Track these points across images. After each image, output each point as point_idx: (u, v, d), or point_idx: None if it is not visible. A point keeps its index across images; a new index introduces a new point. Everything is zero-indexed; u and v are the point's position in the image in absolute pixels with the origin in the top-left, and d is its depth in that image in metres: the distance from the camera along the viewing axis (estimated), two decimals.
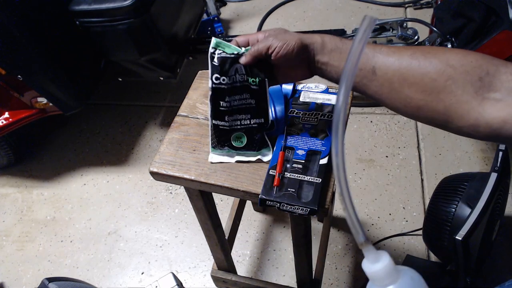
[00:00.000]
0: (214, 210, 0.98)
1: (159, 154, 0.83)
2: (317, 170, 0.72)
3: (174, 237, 1.60)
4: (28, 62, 1.43)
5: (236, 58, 0.70)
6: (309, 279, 1.09)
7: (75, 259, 1.60)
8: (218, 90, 0.74)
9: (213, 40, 0.72)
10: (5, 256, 1.65)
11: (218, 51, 0.72)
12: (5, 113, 1.62)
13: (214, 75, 0.73)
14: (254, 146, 0.77)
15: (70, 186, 1.83)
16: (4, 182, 1.90)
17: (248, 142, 0.77)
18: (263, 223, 1.58)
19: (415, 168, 1.65)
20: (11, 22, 1.32)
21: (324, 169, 0.72)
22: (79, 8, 1.48)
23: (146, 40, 1.56)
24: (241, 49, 0.71)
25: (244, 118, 0.75)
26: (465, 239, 1.00)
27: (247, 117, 0.76)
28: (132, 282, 1.51)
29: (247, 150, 0.77)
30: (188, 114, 0.89)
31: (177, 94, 2.12)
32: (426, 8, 2.26)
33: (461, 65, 0.51)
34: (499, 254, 1.36)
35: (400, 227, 1.49)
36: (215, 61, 0.73)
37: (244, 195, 0.76)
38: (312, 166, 0.73)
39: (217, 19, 2.25)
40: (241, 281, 1.25)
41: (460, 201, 1.13)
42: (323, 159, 0.73)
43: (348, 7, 2.37)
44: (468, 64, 0.51)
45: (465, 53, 0.53)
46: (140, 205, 1.72)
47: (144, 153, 1.90)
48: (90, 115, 2.08)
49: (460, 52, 0.53)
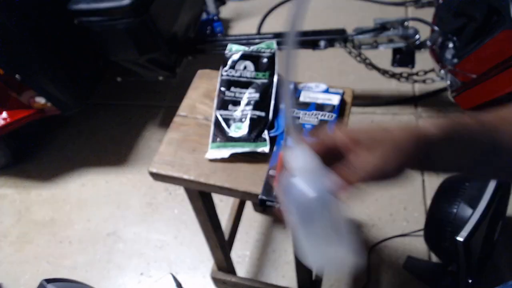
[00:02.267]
0: (213, 210, 0.98)
1: (158, 154, 0.82)
2: None
3: (174, 238, 1.59)
4: (27, 62, 1.42)
5: (245, 55, 0.78)
6: (309, 280, 1.09)
7: (73, 260, 1.59)
8: (226, 81, 0.83)
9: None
10: (3, 257, 1.64)
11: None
12: (3, 113, 1.62)
13: (224, 68, 0.84)
14: (250, 137, 0.78)
15: (69, 186, 1.82)
16: (2, 182, 1.89)
17: (246, 131, 0.78)
18: (263, 224, 1.57)
19: None
20: (11, 22, 1.31)
21: None
22: (78, 7, 1.47)
23: (146, 40, 1.55)
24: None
25: (246, 109, 0.79)
26: (467, 240, 1.00)
27: (249, 108, 0.80)
28: (131, 283, 1.50)
29: (244, 141, 0.78)
30: (187, 114, 0.89)
31: (176, 94, 2.10)
32: (427, 7, 2.25)
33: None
34: (500, 254, 1.36)
35: (401, 227, 1.48)
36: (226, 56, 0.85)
37: (244, 195, 0.75)
38: None
39: (216, 19, 2.24)
40: (241, 282, 1.25)
41: (461, 201, 1.13)
42: None
43: (348, 7, 2.36)
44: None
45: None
46: (139, 206, 1.71)
47: (143, 153, 1.89)
48: (89, 115, 2.08)
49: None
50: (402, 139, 0.40)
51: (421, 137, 0.41)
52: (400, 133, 0.41)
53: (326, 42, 1.63)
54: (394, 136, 0.41)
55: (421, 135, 0.41)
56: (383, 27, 1.55)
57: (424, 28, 1.58)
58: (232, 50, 0.86)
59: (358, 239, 0.45)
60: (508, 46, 1.28)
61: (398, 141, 0.40)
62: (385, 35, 1.56)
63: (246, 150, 0.77)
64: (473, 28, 1.38)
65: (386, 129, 0.42)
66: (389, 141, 0.40)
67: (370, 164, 0.40)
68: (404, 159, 0.40)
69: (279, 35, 1.69)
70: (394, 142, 0.40)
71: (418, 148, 0.40)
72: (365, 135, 0.42)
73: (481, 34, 1.37)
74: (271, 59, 0.84)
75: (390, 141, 0.40)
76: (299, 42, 1.65)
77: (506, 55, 1.28)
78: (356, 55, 1.68)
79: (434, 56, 1.54)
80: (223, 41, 1.79)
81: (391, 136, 0.41)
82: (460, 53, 1.44)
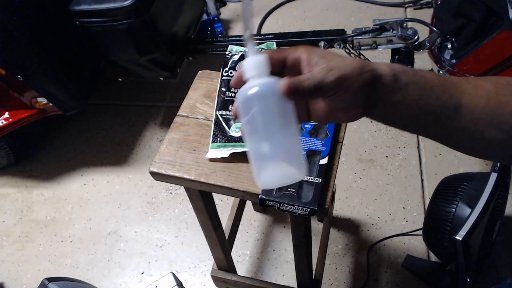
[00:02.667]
0: (214, 210, 0.98)
1: (159, 154, 0.83)
2: (317, 170, 0.72)
3: (174, 237, 1.60)
4: (28, 62, 1.43)
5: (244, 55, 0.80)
6: (309, 279, 1.09)
7: (75, 259, 1.60)
8: (227, 81, 0.83)
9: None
10: (5, 256, 1.65)
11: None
12: (5, 113, 1.62)
13: (225, 68, 0.85)
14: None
15: (70, 186, 1.83)
16: (4, 182, 1.90)
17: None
18: (263, 223, 1.58)
19: (415, 168, 1.65)
20: (11, 22, 1.32)
21: (324, 169, 0.72)
22: (79, 8, 1.48)
23: (146, 40, 1.56)
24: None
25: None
26: (465, 239, 1.00)
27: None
28: (132, 282, 1.51)
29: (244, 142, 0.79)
30: (188, 114, 0.89)
31: (177, 94, 2.12)
32: (426, 8, 2.26)
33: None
34: (499, 254, 1.36)
35: (400, 227, 1.49)
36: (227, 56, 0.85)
37: (244, 195, 0.76)
38: (312, 166, 0.73)
39: (217, 19, 2.25)
40: (241, 281, 1.25)
41: (460, 201, 1.13)
42: (323, 159, 0.73)
43: (348, 7, 2.37)
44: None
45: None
46: (140, 205, 1.72)
47: (144, 153, 1.90)
48: (90, 115, 2.08)
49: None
50: (349, 62, 0.42)
51: (369, 67, 0.42)
52: (352, 59, 0.43)
53: (326, 42, 1.63)
54: (345, 59, 0.43)
55: (369, 66, 0.43)
56: (382, 28, 1.56)
57: (423, 29, 1.59)
58: (232, 51, 0.87)
59: (301, 152, 0.45)
60: (507, 46, 1.29)
61: (346, 62, 0.42)
62: (384, 35, 1.57)
63: (246, 150, 0.78)
64: (472, 29, 1.39)
65: (343, 55, 0.44)
66: (338, 60, 0.42)
67: (314, 73, 0.41)
68: (345, 79, 0.41)
69: (279, 36, 1.70)
70: (342, 62, 0.42)
71: (362, 75, 0.42)
72: (323, 55, 0.43)
73: (480, 35, 1.38)
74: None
75: (340, 60, 0.42)
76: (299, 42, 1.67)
77: (504, 56, 1.29)
78: (355, 56, 1.68)
79: (433, 57, 1.55)
80: (224, 42, 1.80)
81: (343, 58, 0.43)
82: (459, 53, 1.45)
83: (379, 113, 0.46)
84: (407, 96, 0.44)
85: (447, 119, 0.45)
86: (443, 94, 0.43)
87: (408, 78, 0.44)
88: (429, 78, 0.44)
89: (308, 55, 0.43)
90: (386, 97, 0.44)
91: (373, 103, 0.45)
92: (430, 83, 0.44)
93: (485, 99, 0.44)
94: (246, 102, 0.41)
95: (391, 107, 0.45)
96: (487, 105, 0.44)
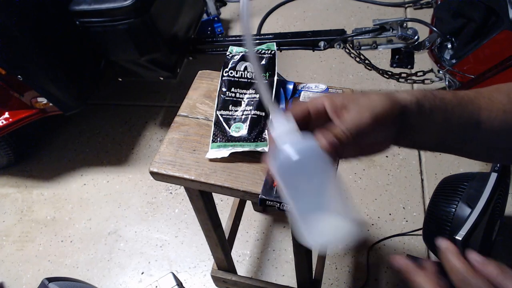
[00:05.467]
0: (214, 210, 0.99)
1: (159, 154, 0.83)
2: None
3: (174, 237, 1.60)
4: (28, 62, 1.43)
5: (246, 56, 0.81)
6: (309, 279, 1.09)
7: (75, 259, 1.60)
8: (227, 81, 0.84)
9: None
10: (5, 256, 1.65)
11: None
12: (5, 113, 1.62)
13: (225, 69, 0.85)
14: (250, 137, 0.79)
15: (70, 186, 1.83)
16: (4, 182, 1.90)
17: (246, 131, 0.80)
18: (263, 223, 1.58)
19: (415, 168, 1.65)
20: (11, 22, 1.32)
21: None
22: (79, 8, 1.48)
23: (146, 40, 1.56)
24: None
25: (246, 109, 0.82)
26: (465, 239, 1.00)
27: (250, 109, 0.81)
28: (132, 282, 1.51)
29: (244, 141, 0.79)
30: (188, 114, 0.89)
31: (177, 94, 2.12)
32: (426, 8, 2.26)
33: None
34: (499, 254, 1.36)
35: (400, 227, 1.49)
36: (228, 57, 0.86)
37: (244, 195, 0.76)
38: None
39: (217, 19, 2.25)
40: (241, 281, 1.25)
41: (460, 201, 1.13)
42: None
43: (348, 7, 2.37)
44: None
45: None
46: (140, 205, 1.72)
47: (144, 153, 1.90)
48: (90, 115, 2.08)
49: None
50: (377, 99, 0.43)
51: (395, 99, 0.43)
52: (376, 96, 0.43)
53: (326, 42, 1.63)
54: (370, 97, 0.43)
55: (395, 98, 0.43)
56: (382, 27, 1.56)
57: (423, 29, 1.59)
58: (233, 52, 0.87)
59: (353, 206, 0.44)
60: (506, 46, 1.29)
61: (373, 100, 0.43)
62: (384, 35, 1.57)
63: (246, 150, 0.78)
64: (472, 29, 1.39)
65: (364, 93, 0.45)
66: (365, 100, 0.43)
67: (348, 120, 0.42)
68: (380, 118, 0.42)
69: (279, 36, 1.70)
70: (369, 101, 0.43)
71: (392, 109, 0.42)
72: (346, 98, 0.44)
73: (480, 35, 1.38)
74: (271, 60, 0.85)
75: (366, 99, 0.43)
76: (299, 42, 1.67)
77: (504, 56, 1.29)
78: (355, 56, 1.68)
79: (433, 57, 1.55)
80: (224, 42, 1.80)
81: (367, 96, 0.43)
82: (459, 53, 1.45)
83: (406, 141, 0.47)
84: (432, 121, 0.45)
85: (469, 136, 0.46)
86: (463, 113, 0.45)
87: (430, 103, 0.44)
88: (448, 99, 0.45)
89: (331, 101, 0.44)
90: (414, 126, 0.45)
91: (403, 134, 0.45)
92: (450, 104, 0.45)
93: (502, 112, 0.46)
94: (288, 169, 0.40)
95: (417, 133, 0.46)
96: (505, 119, 0.46)
